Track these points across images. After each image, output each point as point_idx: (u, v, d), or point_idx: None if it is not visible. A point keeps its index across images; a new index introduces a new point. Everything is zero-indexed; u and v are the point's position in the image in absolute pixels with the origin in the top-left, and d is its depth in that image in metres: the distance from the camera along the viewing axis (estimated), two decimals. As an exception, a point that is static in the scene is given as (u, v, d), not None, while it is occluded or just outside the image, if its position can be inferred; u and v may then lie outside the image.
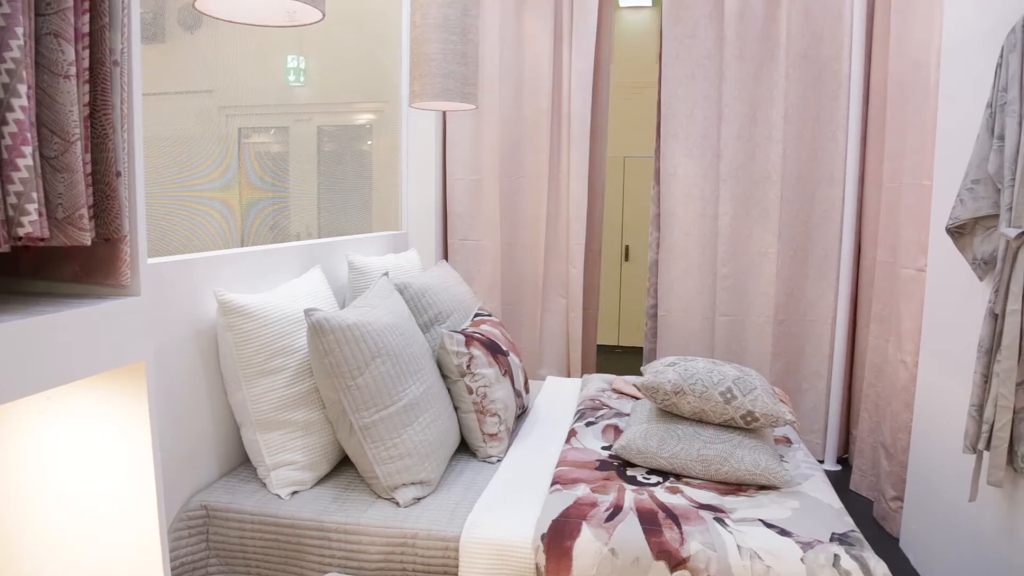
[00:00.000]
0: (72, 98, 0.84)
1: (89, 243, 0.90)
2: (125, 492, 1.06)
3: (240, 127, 2.52)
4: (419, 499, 1.78)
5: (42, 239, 0.83)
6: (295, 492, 1.80)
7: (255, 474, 1.87)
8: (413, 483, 1.78)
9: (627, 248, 6.29)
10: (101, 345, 0.94)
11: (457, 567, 1.60)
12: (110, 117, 0.93)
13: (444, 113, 3.83)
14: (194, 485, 1.79)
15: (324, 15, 1.53)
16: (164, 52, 2.11)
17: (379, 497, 1.79)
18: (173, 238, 2.02)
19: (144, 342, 1.02)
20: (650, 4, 5.94)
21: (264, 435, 1.80)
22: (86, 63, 0.89)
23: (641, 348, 3.97)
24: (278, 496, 1.77)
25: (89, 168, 0.91)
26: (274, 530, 1.68)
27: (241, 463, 1.96)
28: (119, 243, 0.97)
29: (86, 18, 0.87)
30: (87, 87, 0.90)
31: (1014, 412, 1.83)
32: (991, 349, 1.92)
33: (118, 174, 0.94)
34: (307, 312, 1.75)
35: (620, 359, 5.92)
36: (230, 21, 1.57)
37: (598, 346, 4.16)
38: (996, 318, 1.90)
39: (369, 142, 3.51)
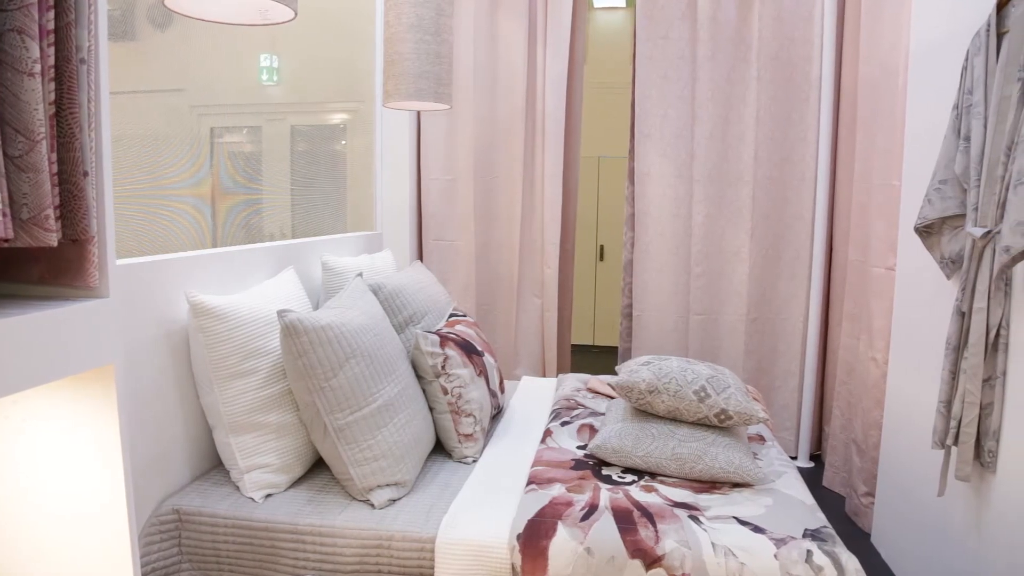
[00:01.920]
0: (37, 96, 0.83)
1: (55, 244, 0.89)
2: (94, 497, 1.05)
3: (212, 126, 2.49)
4: (394, 500, 1.77)
5: (6, 240, 0.81)
6: (269, 495, 1.79)
7: (228, 477, 1.85)
8: (388, 484, 1.78)
9: (602, 248, 6.32)
10: (69, 348, 0.93)
11: (433, 568, 1.60)
12: (77, 116, 0.91)
13: (418, 113, 3.82)
14: (166, 489, 1.76)
15: (296, 14, 1.52)
16: (134, 50, 2.08)
17: (354, 499, 1.78)
18: (144, 239, 1.99)
19: (113, 345, 1.00)
20: (624, 5, 5.97)
21: (237, 438, 1.78)
22: (51, 60, 0.87)
23: (616, 347, 3.98)
24: (252, 499, 1.75)
25: (55, 168, 0.89)
26: (248, 533, 1.67)
27: (214, 466, 1.94)
28: (87, 244, 0.95)
29: (51, 14, 0.86)
30: (52, 85, 0.88)
31: (981, 408, 1.86)
32: (958, 346, 1.96)
33: (85, 174, 0.93)
34: (280, 313, 1.73)
35: (595, 359, 5.94)
36: (201, 19, 1.55)
37: (573, 346, 4.17)
38: (963, 316, 1.93)
39: (343, 142, 3.49)
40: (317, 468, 1.96)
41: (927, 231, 2.16)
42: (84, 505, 1.06)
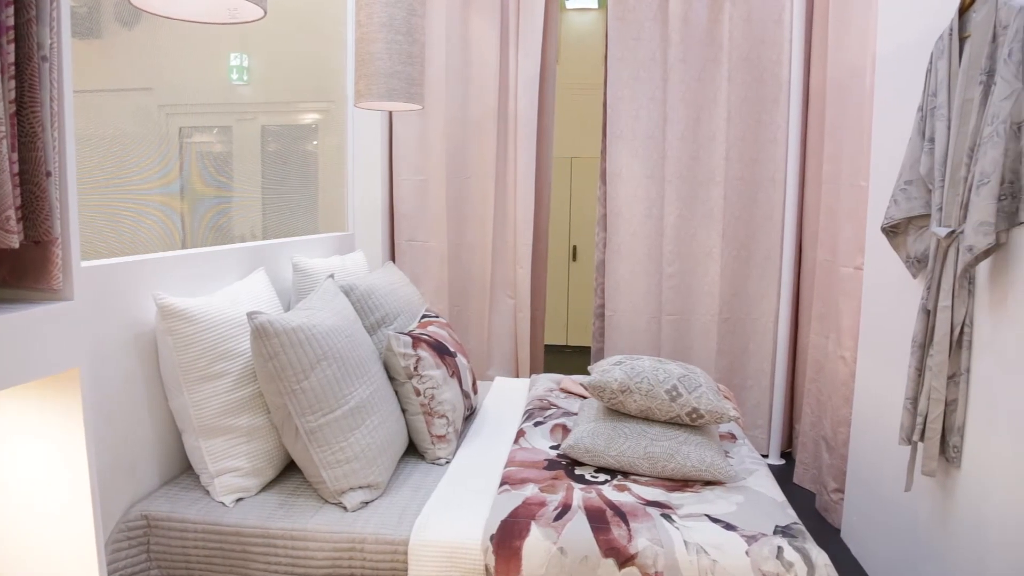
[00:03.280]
0: (-3, 95, 0.81)
1: (17, 245, 0.87)
2: (59, 503, 1.03)
3: (181, 126, 2.46)
4: (367, 503, 1.76)
5: (-34, 242, 0.79)
6: (239, 499, 1.77)
7: (198, 482, 1.82)
8: (360, 487, 1.76)
9: (575, 248, 6.34)
10: (32, 352, 0.91)
11: (406, 570, 1.59)
12: (39, 115, 0.90)
13: (390, 113, 3.80)
14: (134, 494, 1.74)
15: (266, 13, 1.51)
16: (100, 48, 2.05)
17: (326, 502, 1.76)
18: (113, 241, 1.96)
19: (78, 348, 0.99)
20: (596, 6, 6.00)
21: (207, 441, 1.76)
22: (11, 58, 0.85)
23: (589, 347, 4.00)
24: (222, 503, 1.73)
25: (16, 168, 0.87)
26: (218, 538, 1.65)
27: (183, 471, 1.92)
28: (50, 245, 0.94)
29: (10, 11, 0.84)
30: (13, 83, 0.86)
31: (946, 404, 1.89)
32: (924, 344, 1.99)
33: (48, 174, 0.91)
34: (250, 315, 1.71)
35: (568, 359, 5.96)
36: (168, 17, 1.53)
37: (546, 346, 4.18)
38: (928, 314, 1.97)
39: (314, 142, 3.46)
40: (288, 471, 1.94)
41: (893, 231, 2.20)
42: (49, 512, 1.04)
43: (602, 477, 1.89)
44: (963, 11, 1.90)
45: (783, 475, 3.39)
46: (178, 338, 1.72)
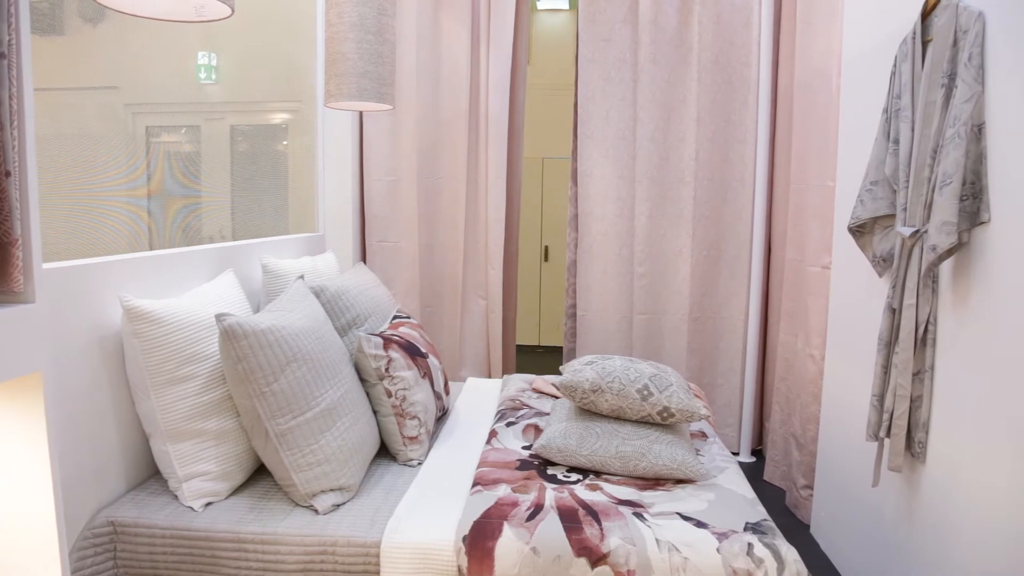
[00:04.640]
0: (-45, 93, 0.79)
1: (-24, 247, 0.85)
2: (21, 511, 1.01)
3: (148, 126, 2.43)
4: (338, 505, 1.75)
5: (-78, 243, 0.77)
6: (209, 503, 1.74)
7: (166, 486, 1.80)
8: (332, 489, 1.75)
9: (546, 248, 6.35)
10: (-9, 355, 0.89)
11: (379, 573, 1.58)
12: (-2, 113, 0.88)
13: (361, 113, 3.78)
14: (100, 500, 1.71)
15: (233, 11, 1.49)
16: (63, 46, 2.01)
17: (297, 505, 1.75)
18: (78, 242, 1.92)
19: (40, 351, 0.97)
20: (567, 7, 6.02)
21: (175, 445, 1.73)
22: (-30, 56, 0.83)
23: (561, 347, 4.01)
24: (191, 508, 1.71)
25: (-25, 168, 0.86)
26: (187, 544, 1.63)
27: (151, 476, 1.89)
28: (10, 247, 0.92)
29: (-31, 8, 0.82)
30: (-28, 82, 0.84)
31: (911, 400, 1.93)
32: (890, 342, 2.02)
33: (7, 174, 0.89)
34: (218, 317, 1.69)
35: (540, 359, 5.97)
36: (134, 15, 1.51)
37: (519, 346, 4.18)
38: (894, 312, 2.00)
39: (284, 142, 3.43)
40: (259, 475, 1.92)
41: (859, 231, 2.23)
42: (10, 520, 1.01)
43: (574, 477, 1.90)
44: (925, 15, 1.94)
45: (753, 472, 3.42)
46: (145, 341, 1.69)
